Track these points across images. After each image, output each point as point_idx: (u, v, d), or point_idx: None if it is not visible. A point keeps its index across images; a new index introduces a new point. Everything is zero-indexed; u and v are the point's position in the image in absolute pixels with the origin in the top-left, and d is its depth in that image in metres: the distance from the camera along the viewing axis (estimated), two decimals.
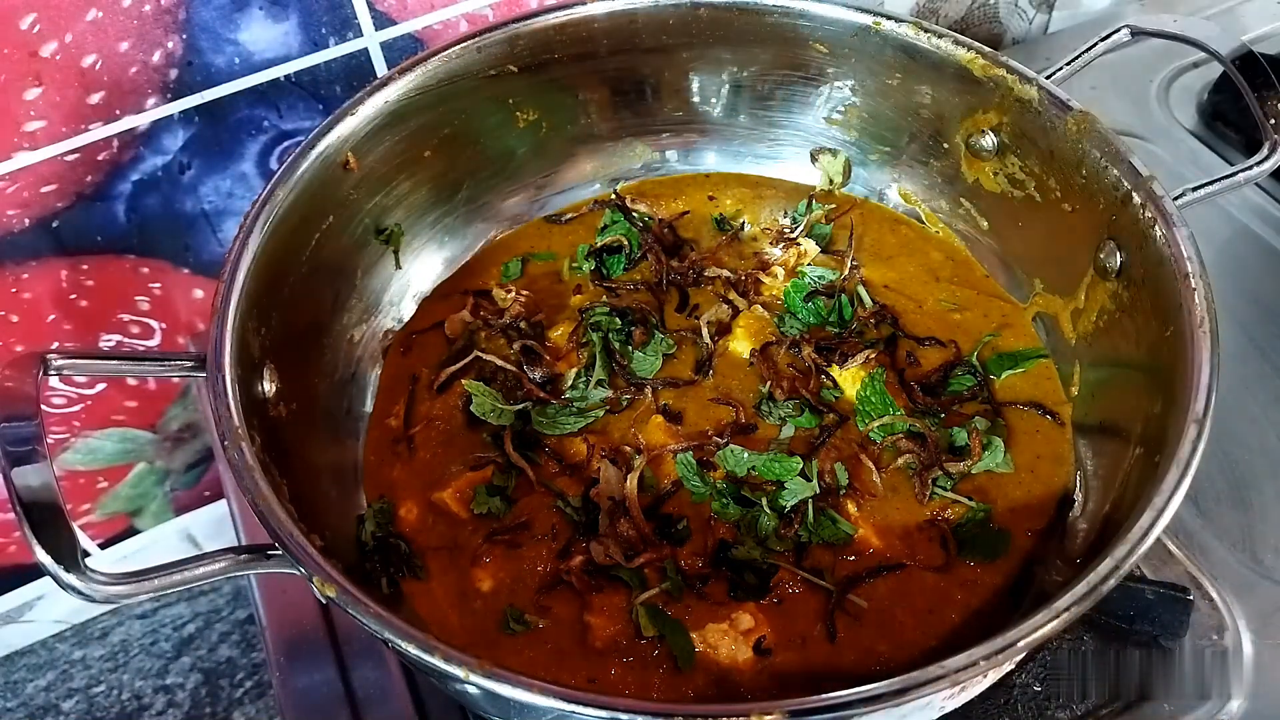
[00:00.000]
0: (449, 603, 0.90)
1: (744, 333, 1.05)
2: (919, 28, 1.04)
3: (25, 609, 1.40)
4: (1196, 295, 0.81)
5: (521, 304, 1.09)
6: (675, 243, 1.16)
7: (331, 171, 0.98)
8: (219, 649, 1.45)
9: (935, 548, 0.91)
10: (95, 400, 1.24)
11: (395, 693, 0.94)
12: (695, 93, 1.19)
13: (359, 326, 1.07)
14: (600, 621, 0.86)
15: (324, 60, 1.12)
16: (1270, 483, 1.04)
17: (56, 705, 1.40)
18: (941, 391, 1.01)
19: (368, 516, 0.95)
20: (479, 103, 1.09)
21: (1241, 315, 1.18)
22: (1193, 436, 0.74)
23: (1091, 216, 0.96)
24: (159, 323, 1.22)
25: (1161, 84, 1.47)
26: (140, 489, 1.36)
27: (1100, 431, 0.96)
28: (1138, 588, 0.91)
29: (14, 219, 1.06)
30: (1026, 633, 0.66)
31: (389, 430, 1.02)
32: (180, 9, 1.01)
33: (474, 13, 1.16)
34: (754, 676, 0.84)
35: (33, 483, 0.68)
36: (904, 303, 1.10)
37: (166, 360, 0.85)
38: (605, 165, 1.23)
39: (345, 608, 0.69)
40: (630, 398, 1.01)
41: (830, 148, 1.20)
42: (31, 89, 0.99)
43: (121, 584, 0.68)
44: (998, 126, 1.05)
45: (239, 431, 0.77)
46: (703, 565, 0.90)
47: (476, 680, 0.65)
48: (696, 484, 0.94)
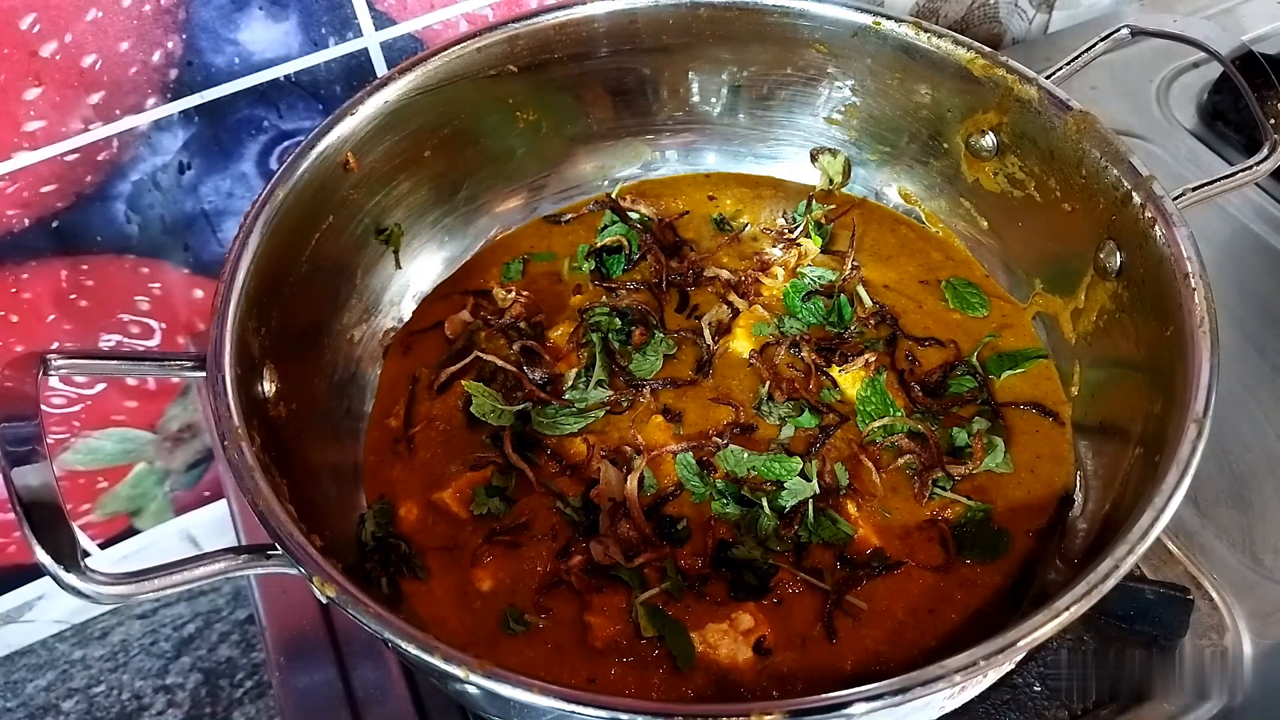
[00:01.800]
0: (449, 603, 0.90)
1: (744, 333, 1.05)
2: (919, 28, 1.04)
3: (25, 609, 1.40)
4: (1196, 295, 0.81)
5: (521, 304, 1.09)
6: (675, 243, 1.16)
7: (331, 171, 0.98)
8: (219, 649, 1.45)
9: (935, 548, 0.91)
10: (95, 400, 1.24)
11: (395, 693, 0.94)
12: (695, 93, 1.19)
13: (359, 326, 1.07)
14: (600, 621, 0.86)
15: (324, 60, 1.12)
16: (1270, 483, 1.05)
17: (56, 705, 1.40)
18: (942, 392, 1.01)
19: (368, 516, 0.95)
20: (479, 103, 1.09)
21: (1241, 315, 1.18)
22: (1193, 436, 0.74)
23: (1091, 216, 0.96)
24: (159, 323, 1.22)
25: (1161, 84, 1.47)
26: (140, 489, 1.36)
27: (1100, 431, 0.96)
28: (1138, 588, 0.91)
29: (14, 219, 1.06)
30: (1026, 633, 0.66)
31: (389, 430, 1.02)
32: (180, 9, 1.01)
33: (474, 13, 1.16)
34: (754, 676, 0.84)
35: (33, 483, 0.68)
36: (904, 303, 1.10)
37: (166, 360, 0.85)
38: (605, 165, 1.23)
39: (345, 608, 0.69)
40: (630, 398, 1.01)
41: (830, 148, 1.21)
42: (31, 89, 0.99)
43: (121, 584, 0.68)
44: (998, 126, 1.05)
45: (239, 431, 0.77)
46: (702, 565, 0.90)
47: (476, 680, 0.65)
48: (696, 484, 0.94)
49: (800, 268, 1.11)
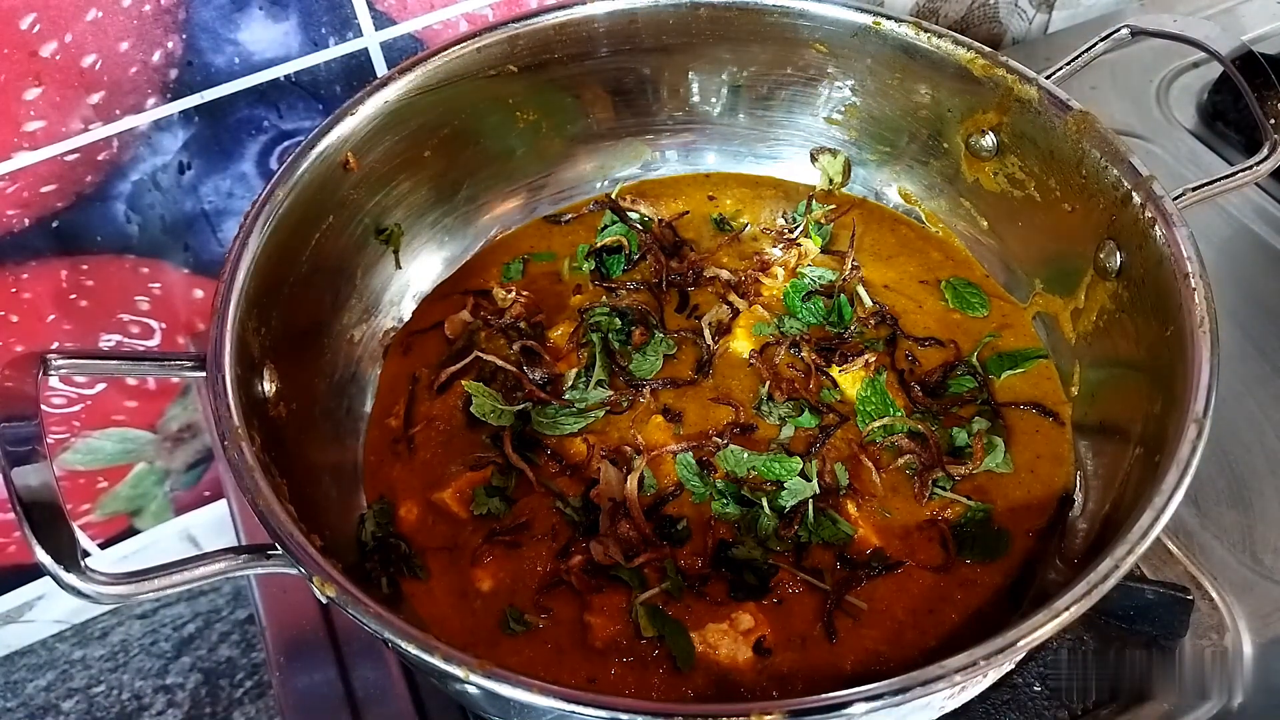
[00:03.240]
0: (449, 603, 0.90)
1: (744, 333, 1.05)
2: (919, 28, 1.04)
3: (25, 609, 1.40)
4: (1196, 295, 0.81)
5: (521, 304, 1.09)
6: (675, 243, 1.16)
7: (331, 171, 0.98)
8: (219, 649, 1.45)
9: (935, 548, 0.91)
10: (95, 400, 1.24)
11: (395, 693, 0.94)
12: (695, 93, 1.19)
13: (359, 326, 1.07)
14: (600, 621, 0.86)
15: (324, 60, 1.12)
16: (1270, 483, 1.04)
17: (56, 705, 1.40)
18: (942, 392, 1.01)
19: (368, 516, 0.95)
20: (479, 103, 1.09)
21: (1241, 315, 1.18)
22: (1193, 436, 0.74)
23: (1091, 216, 0.96)
24: (159, 323, 1.22)
25: (1161, 84, 1.47)
26: (140, 489, 1.36)
27: (1100, 431, 0.96)
28: (1138, 588, 0.91)
29: (14, 219, 1.06)
30: (1026, 633, 0.66)
31: (389, 430, 1.02)
32: (180, 9, 1.01)
33: (474, 13, 1.16)
34: (754, 676, 0.84)
35: (33, 483, 0.68)
36: (904, 303, 1.10)
37: (166, 360, 0.85)
38: (605, 165, 1.23)
39: (345, 608, 0.69)
40: (630, 398, 1.01)
41: (830, 148, 1.21)
42: (31, 89, 0.99)
43: (121, 584, 0.68)
44: (998, 126, 1.05)
45: (239, 431, 0.77)
46: (702, 565, 0.90)
47: (476, 680, 0.65)
48: (696, 484, 0.94)
49: (800, 268, 1.11)
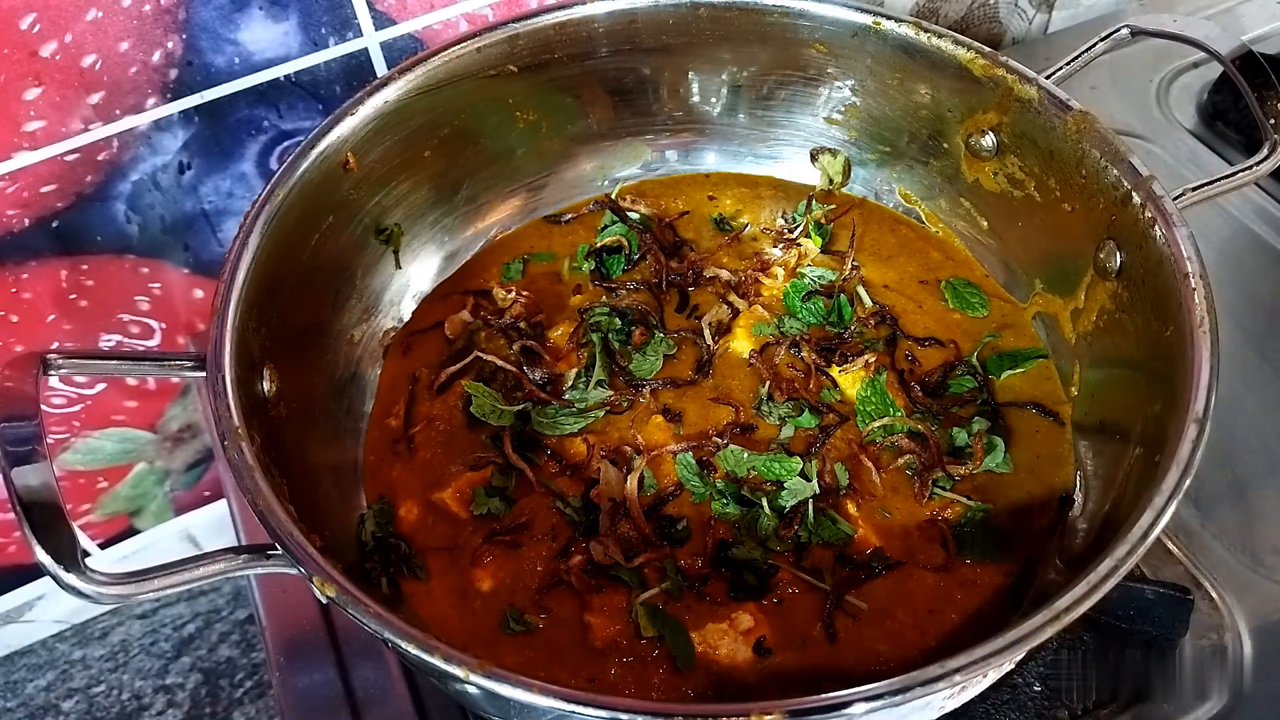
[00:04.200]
0: (449, 603, 0.90)
1: (744, 333, 1.05)
2: (919, 28, 1.04)
3: (25, 609, 1.40)
4: (1196, 295, 0.81)
5: (521, 304, 1.09)
6: (675, 243, 1.16)
7: (331, 171, 0.98)
8: (219, 649, 1.45)
9: (935, 548, 0.91)
10: (95, 400, 1.24)
11: (395, 693, 0.94)
12: (695, 93, 1.19)
13: (359, 326, 1.07)
14: (600, 621, 0.86)
15: (324, 60, 1.12)
16: (1270, 483, 1.04)
17: (56, 705, 1.40)
18: (942, 392, 1.01)
19: (368, 516, 0.95)
20: (479, 103, 1.09)
21: (1241, 315, 1.18)
22: (1193, 436, 0.74)
23: (1091, 216, 0.96)
24: (159, 323, 1.22)
25: (1161, 84, 1.47)
26: (140, 489, 1.36)
27: (1100, 431, 0.96)
28: (1138, 588, 0.91)
29: (14, 219, 1.06)
30: (1026, 633, 0.66)
31: (389, 430, 1.02)
32: (180, 9, 1.01)
33: (474, 13, 1.16)
34: (754, 676, 0.84)
35: (33, 483, 0.68)
36: (904, 303, 1.10)
37: (166, 360, 0.85)
38: (605, 165, 1.23)
39: (345, 608, 0.69)
40: (630, 398, 1.01)
41: (830, 148, 1.20)
42: (31, 89, 0.99)
43: (121, 584, 0.68)
44: (998, 126, 1.05)
45: (239, 431, 0.77)
46: (702, 565, 0.90)
47: (476, 680, 0.65)
48: (696, 484, 0.94)
49: (800, 268, 1.11)
